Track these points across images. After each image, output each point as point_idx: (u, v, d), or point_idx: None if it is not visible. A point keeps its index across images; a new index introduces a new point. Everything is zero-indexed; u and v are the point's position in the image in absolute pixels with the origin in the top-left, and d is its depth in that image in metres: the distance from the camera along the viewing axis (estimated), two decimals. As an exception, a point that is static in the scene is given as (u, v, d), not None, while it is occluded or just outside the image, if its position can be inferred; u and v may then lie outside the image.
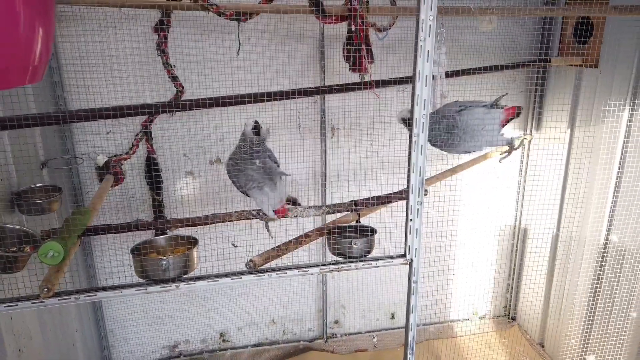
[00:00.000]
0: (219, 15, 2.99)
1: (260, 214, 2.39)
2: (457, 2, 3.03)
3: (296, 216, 2.51)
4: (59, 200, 2.74)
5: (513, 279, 4.83)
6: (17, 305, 1.86)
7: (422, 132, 2.04)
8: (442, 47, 2.66)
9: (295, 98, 3.53)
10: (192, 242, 2.22)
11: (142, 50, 3.45)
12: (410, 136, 2.06)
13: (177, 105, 3.16)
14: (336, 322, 4.70)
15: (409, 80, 3.22)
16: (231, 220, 2.42)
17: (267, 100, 3.15)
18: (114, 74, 3.52)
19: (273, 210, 2.35)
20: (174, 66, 3.57)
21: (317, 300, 4.57)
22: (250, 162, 2.23)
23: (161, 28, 3.10)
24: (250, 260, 2.08)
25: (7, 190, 2.59)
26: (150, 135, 3.64)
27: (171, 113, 3.56)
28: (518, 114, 2.91)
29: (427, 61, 1.96)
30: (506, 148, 3.13)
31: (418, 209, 2.15)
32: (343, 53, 3.02)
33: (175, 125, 3.83)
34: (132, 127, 3.69)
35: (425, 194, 2.69)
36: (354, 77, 2.95)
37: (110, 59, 3.49)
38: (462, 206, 4.54)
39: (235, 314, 4.43)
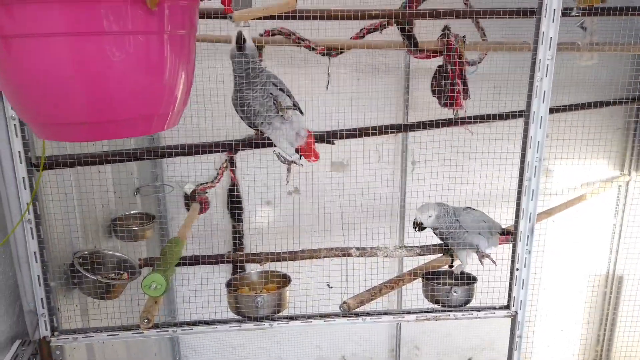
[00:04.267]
0: (310, 50, 3.03)
1: (282, 156, 2.13)
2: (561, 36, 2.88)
3: (386, 256, 2.43)
4: (152, 228, 2.82)
5: (605, 330, 4.44)
6: (118, 334, 1.89)
7: (534, 177, 1.91)
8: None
9: (376, 135, 3.49)
10: (284, 279, 2.19)
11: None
12: (521, 180, 1.94)
13: (256, 143, 3.18)
14: (409, 363, 4.51)
15: (507, 116, 3.07)
16: (319, 257, 2.37)
17: (347, 137, 3.12)
18: (205, 106, 3.64)
19: (295, 149, 2.06)
20: None
21: (390, 338, 4.40)
22: (247, 90, 1.91)
23: (253, 62, 3.17)
24: (345, 303, 2.01)
25: (107, 217, 2.70)
26: (235, 165, 3.71)
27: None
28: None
29: (543, 102, 1.84)
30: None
31: (526, 258, 2.00)
32: (431, 87, 2.96)
33: (255, 155, 3.88)
34: (216, 156, 3.78)
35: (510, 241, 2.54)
36: (438, 111, 2.87)
37: (203, 92, 3.61)
38: (549, 248, 4.25)
39: (306, 347, 4.34)
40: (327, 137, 3.04)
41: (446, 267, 2.34)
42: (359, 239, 3.56)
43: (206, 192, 3.66)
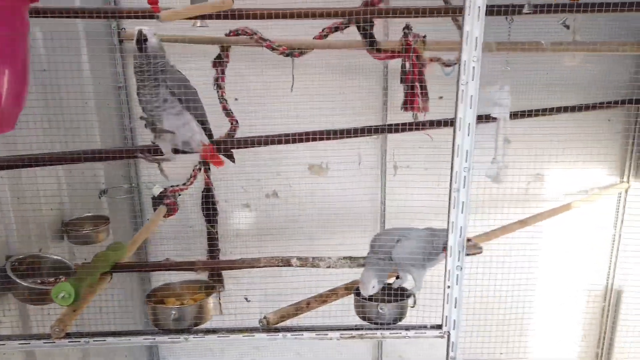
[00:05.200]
0: (272, 51, 2.94)
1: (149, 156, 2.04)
2: (531, 35, 2.69)
3: (329, 267, 2.31)
4: (105, 231, 2.80)
5: (603, 347, 4.17)
6: (29, 343, 1.86)
7: (463, 188, 1.76)
8: (505, 86, 2.35)
9: (351, 137, 3.37)
10: (212, 288, 2.11)
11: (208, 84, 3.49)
12: (450, 192, 1.79)
13: (232, 142, 3.11)
14: (393, 374, 4.36)
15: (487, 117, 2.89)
16: (259, 267, 2.28)
17: (321, 139, 3.01)
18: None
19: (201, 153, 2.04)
20: (236, 99, 3.60)
21: (373, 347, 4.27)
22: (142, 91, 1.87)
23: (219, 63, 3.11)
24: (265, 317, 1.92)
25: (57, 220, 2.69)
26: (209, 166, 3.66)
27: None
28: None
29: (470, 107, 1.69)
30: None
31: (458, 275, 1.86)
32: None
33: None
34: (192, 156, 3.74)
35: (479, 252, 2.38)
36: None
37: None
38: (542, 261, 4.01)
39: (285, 354, 4.26)
40: (301, 138, 2.95)
41: (391, 280, 2.21)
42: (338, 245, 3.46)
43: (179, 195, 3.62)
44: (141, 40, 1.81)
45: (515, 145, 2.64)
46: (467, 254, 2.30)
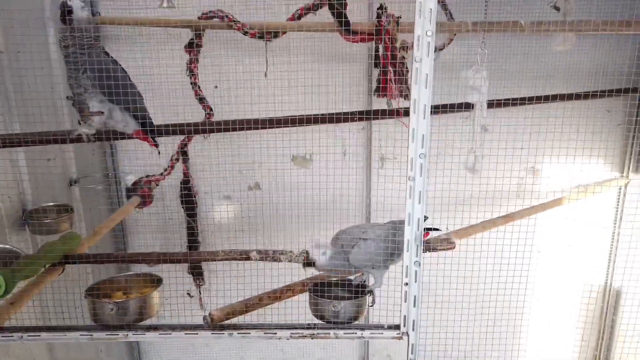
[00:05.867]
0: (244, 34, 2.81)
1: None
2: (510, 14, 2.51)
3: (290, 261, 2.18)
4: (68, 221, 2.70)
5: (600, 350, 3.97)
6: (-41, 337, 1.75)
7: (420, 176, 1.61)
8: (482, 70, 2.18)
9: (334, 123, 3.22)
10: (159, 282, 1.99)
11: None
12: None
13: (211, 126, 2.99)
14: (380, 373, 4.22)
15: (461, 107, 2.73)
16: (216, 260, 2.16)
17: (300, 124, 2.88)
18: (154, 93, 3.49)
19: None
20: (216, 87, 3.48)
21: (360, 346, 4.13)
22: (67, 63, 1.71)
23: (192, 48, 2.99)
24: (209, 314, 1.79)
25: (17, 209, 2.60)
26: (187, 156, 3.54)
27: (205, 135, 3.43)
28: None
29: (426, 87, 1.54)
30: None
31: (416, 272, 1.70)
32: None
33: (214, 147, 3.71)
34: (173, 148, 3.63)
35: (451, 248, 2.22)
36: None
37: (151, 78, 3.46)
38: (537, 259, 3.83)
39: (270, 351, 4.15)
40: (286, 123, 2.81)
41: (352, 277, 2.06)
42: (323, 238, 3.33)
43: (156, 185, 3.51)
44: (64, 11, 1.64)
45: (507, 137, 2.47)
46: (437, 249, 2.16)
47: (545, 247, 3.79)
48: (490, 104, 2.20)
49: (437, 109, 2.80)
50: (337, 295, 1.92)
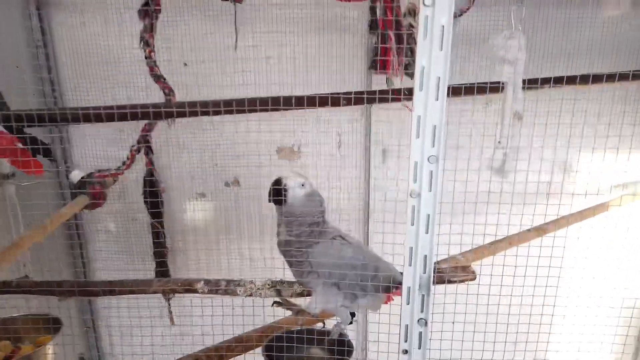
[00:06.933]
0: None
1: None
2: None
3: (250, 295, 1.60)
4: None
5: (639, 378, 3.39)
6: None
7: (429, 191, 1.02)
8: (520, 36, 1.56)
9: (316, 107, 2.62)
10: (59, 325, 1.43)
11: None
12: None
13: (168, 109, 2.39)
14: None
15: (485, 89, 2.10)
16: (147, 292, 1.59)
17: (276, 108, 2.28)
18: (114, 72, 2.92)
19: None
20: (186, 64, 2.93)
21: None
22: None
23: (146, 13, 2.42)
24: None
25: None
26: (151, 147, 2.97)
27: (169, 121, 2.85)
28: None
29: (441, 49, 0.94)
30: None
31: (421, 333, 1.12)
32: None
33: (186, 136, 3.13)
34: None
35: (471, 279, 1.64)
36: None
37: (108, 51, 2.88)
38: (566, 271, 3.22)
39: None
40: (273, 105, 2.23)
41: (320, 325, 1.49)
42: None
43: (115, 181, 2.95)
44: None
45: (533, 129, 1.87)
46: (452, 282, 1.58)
47: (577, 256, 3.18)
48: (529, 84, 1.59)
49: (455, 91, 2.21)
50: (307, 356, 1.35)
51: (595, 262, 3.09)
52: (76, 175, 2.75)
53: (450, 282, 1.53)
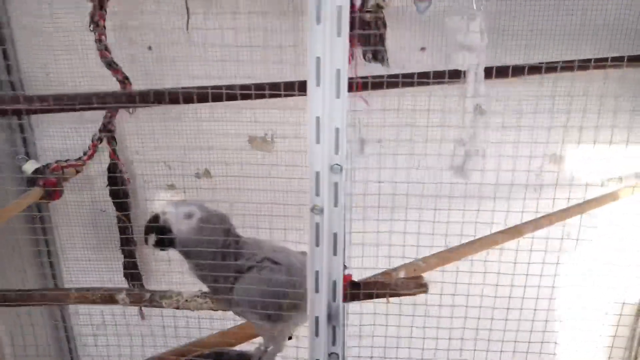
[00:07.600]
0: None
1: None
2: None
3: (177, 307, 1.45)
4: None
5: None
6: None
7: (335, 206, 0.84)
8: (478, 16, 1.36)
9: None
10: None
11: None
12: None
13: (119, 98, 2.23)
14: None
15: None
16: (64, 303, 1.45)
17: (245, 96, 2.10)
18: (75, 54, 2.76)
19: None
20: (150, 48, 2.78)
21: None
22: None
23: (94, -11, 2.25)
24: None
25: None
26: (113, 135, 2.83)
27: (130, 110, 2.69)
28: None
29: (339, 35, 0.75)
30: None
31: (332, 371, 0.96)
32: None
33: (153, 125, 2.98)
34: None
35: (422, 292, 1.47)
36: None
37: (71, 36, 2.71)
38: (562, 269, 3.02)
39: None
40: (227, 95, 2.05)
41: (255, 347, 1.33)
42: (294, 242, 2.61)
43: (78, 172, 2.81)
44: None
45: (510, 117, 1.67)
46: (400, 295, 1.41)
47: (573, 254, 2.99)
48: (490, 73, 1.40)
49: (407, 79, 1.99)
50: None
51: (583, 262, 2.91)
52: (30, 166, 2.62)
53: (396, 295, 1.36)
